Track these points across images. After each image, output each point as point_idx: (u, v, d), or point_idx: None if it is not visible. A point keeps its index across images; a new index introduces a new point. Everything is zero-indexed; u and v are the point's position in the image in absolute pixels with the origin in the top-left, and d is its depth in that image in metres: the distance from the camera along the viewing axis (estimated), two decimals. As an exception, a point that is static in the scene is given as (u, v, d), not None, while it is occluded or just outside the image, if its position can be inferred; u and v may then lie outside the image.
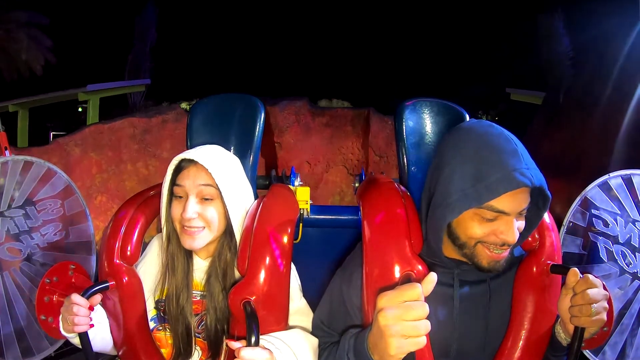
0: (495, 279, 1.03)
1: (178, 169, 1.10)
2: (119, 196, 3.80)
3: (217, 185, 1.06)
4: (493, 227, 0.88)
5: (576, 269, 0.90)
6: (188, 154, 1.08)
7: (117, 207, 1.21)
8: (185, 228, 1.07)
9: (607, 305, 0.88)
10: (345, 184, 4.54)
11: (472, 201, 0.85)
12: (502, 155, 0.85)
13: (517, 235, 0.88)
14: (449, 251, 1.00)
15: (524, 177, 0.82)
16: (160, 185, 1.26)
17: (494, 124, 0.94)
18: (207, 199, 1.08)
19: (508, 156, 0.85)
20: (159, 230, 1.18)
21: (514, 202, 0.85)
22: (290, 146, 4.43)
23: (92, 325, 1.03)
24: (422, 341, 0.73)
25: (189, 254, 1.15)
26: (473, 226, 0.89)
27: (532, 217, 0.96)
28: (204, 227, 1.08)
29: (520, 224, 0.90)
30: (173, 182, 1.10)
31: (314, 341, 1.05)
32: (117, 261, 1.12)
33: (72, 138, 3.74)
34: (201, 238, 1.08)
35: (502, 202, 0.85)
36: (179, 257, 1.14)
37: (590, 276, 0.87)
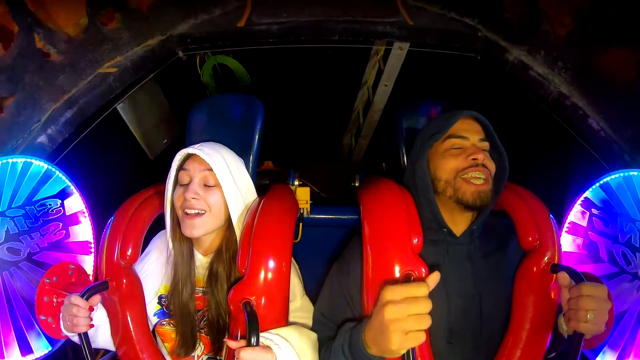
0: (485, 258, 1.07)
1: (181, 164, 1.12)
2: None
3: (216, 175, 1.08)
4: (462, 153, 1.08)
5: (566, 273, 0.91)
6: (190, 149, 1.10)
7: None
8: (187, 213, 1.07)
9: (606, 315, 0.87)
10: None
11: (437, 134, 1.11)
12: (450, 111, 1.16)
13: (484, 156, 1.05)
14: (444, 211, 1.10)
15: (466, 111, 1.12)
16: (160, 185, 1.26)
17: None
18: (209, 186, 1.09)
19: (454, 110, 1.15)
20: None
21: (468, 127, 1.11)
22: None
23: (91, 326, 1.03)
24: (422, 337, 0.75)
25: (190, 249, 1.16)
26: (448, 159, 1.09)
27: (497, 177, 1.10)
28: (205, 212, 1.08)
29: (485, 155, 1.07)
30: (178, 170, 1.11)
31: (314, 336, 1.05)
32: (117, 261, 1.12)
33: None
34: (202, 224, 1.08)
35: (459, 128, 1.10)
36: (182, 249, 1.14)
37: (585, 286, 0.86)
